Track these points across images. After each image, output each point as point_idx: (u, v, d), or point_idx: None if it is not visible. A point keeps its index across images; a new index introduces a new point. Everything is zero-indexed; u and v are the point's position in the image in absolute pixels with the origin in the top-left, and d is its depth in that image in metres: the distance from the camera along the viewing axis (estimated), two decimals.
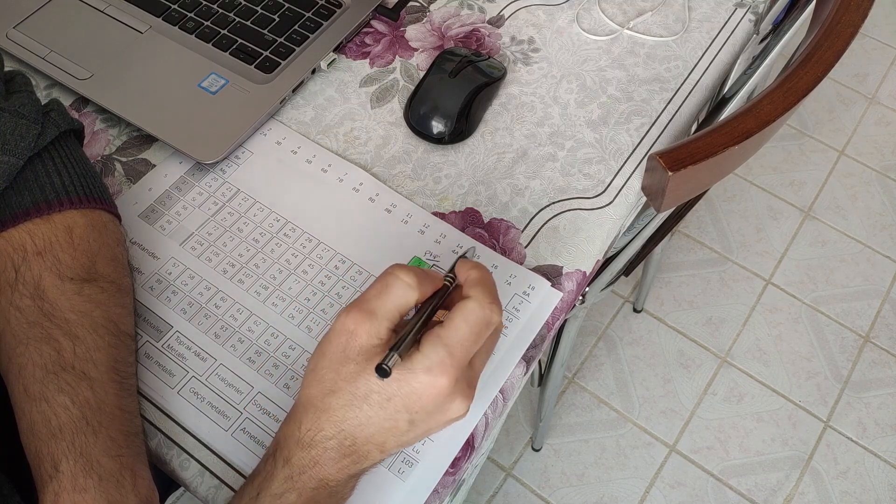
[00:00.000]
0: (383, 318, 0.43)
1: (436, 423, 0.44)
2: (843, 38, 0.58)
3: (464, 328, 0.43)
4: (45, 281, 0.47)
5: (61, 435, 0.43)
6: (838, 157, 1.65)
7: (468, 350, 0.43)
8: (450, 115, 0.64)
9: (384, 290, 0.43)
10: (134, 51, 0.68)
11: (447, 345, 0.42)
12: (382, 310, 0.43)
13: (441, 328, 0.43)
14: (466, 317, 0.43)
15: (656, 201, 0.60)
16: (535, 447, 1.30)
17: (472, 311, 0.43)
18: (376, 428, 0.43)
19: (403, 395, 0.42)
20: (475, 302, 0.44)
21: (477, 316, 0.43)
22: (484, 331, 0.43)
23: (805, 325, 1.44)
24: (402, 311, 0.44)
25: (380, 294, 0.43)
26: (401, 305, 0.44)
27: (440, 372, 0.42)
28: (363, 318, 0.43)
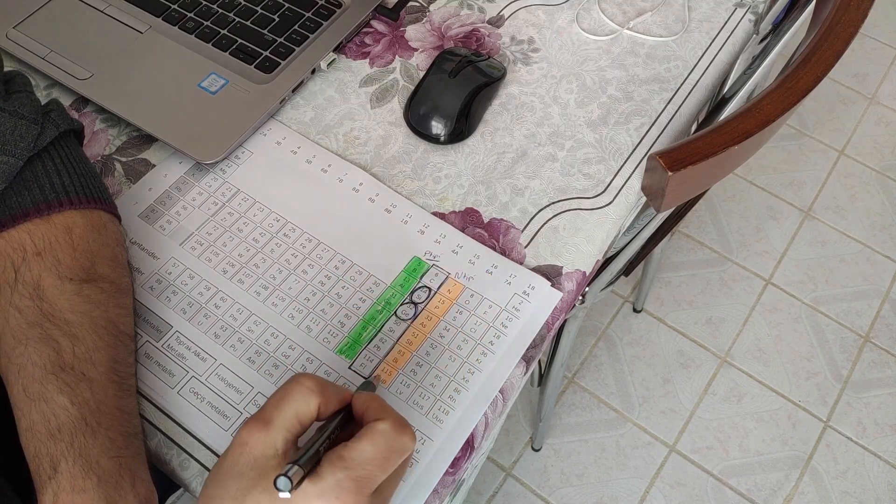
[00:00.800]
0: (280, 427, 0.39)
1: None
2: (843, 38, 0.58)
3: (369, 451, 0.38)
4: (45, 281, 0.47)
5: (60, 435, 0.43)
6: (838, 157, 1.65)
7: (372, 476, 0.38)
8: (450, 115, 0.64)
9: (282, 398, 0.40)
10: (134, 51, 0.68)
11: (348, 467, 0.38)
12: (279, 419, 0.39)
13: (344, 447, 0.38)
14: (374, 439, 0.39)
15: (656, 201, 0.60)
16: (535, 447, 1.30)
17: (382, 433, 0.39)
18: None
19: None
20: (387, 424, 0.39)
21: (387, 440, 0.39)
22: (393, 458, 0.39)
23: (805, 325, 1.44)
24: (301, 420, 0.40)
25: (278, 402, 0.40)
26: (300, 413, 0.39)
27: (336, 497, 0.37)
28: (258, 427, 0.39)
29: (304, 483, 0.37)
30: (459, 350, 0.54)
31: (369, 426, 0.39)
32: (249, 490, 0.38)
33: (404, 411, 0.51)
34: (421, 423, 0.51)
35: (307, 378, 0.40)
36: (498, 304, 0.56)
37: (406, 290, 0.57)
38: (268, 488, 0.38)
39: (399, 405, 0.52)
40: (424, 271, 0.58)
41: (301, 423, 0.40)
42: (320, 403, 0.40)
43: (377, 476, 0.39)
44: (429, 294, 0.56)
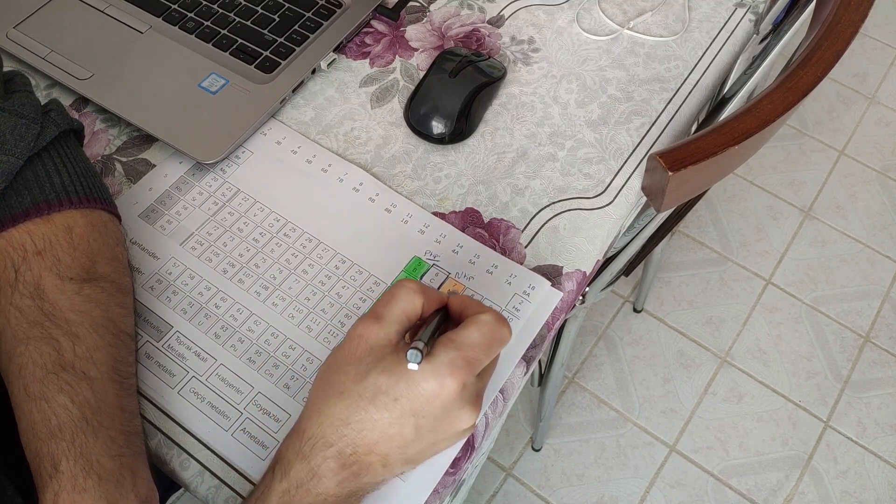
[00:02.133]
0: (391, 321, 0.43)
1: (443, 432, 0.43)
2: (843, 38, 0.58)
3: (476, 336, 0.42)
4: (45, 281, 0.47)
5: (61, 435, 0.43)
6: (838, 157, 1.65)
7: (478, 359, 0.42)
8: (450, 115, 0.64)
9: (391, 298, 0.44)
10: (134, 51, 0.68)
11: (458, 348, 0.42)
12: (390, 314, 0.43)
13: (453, 332, 0.43)
14: (480, 327, 0.43)
15: (656, 201, 0.60)
16: (535, 447, 1.30)
17: (487, 323, 0.43)
18: (381, 434, 0.41)
19: (411, 396, 0.41)
20: (490, 316, 0.43)
21: (491, 329, 0.43)
22: (495, 345, 0.43)
23: (805, 325, 1.44)
24: (409, 316, 0.44)
25: (387, 301, 0.44)
26: (408, 310, 0.44)
27: (449, 373, 0.41)
28: (371, 322, 0.43)
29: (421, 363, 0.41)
30: None
31: (474, 317, 0.43)
32: (368, 372, 0.42)
33: None
34: None
35: (411, 281, 0.45)
36: (498, 304, 0.56)
37: None
38: (386, 369, 0.41)
39: None
40: (425, 271, 0.58)
41: (409, 318, 0.44)
42: (423, 302, 0.44)
43: (482, 359, 0.42)
44: None
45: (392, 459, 0.42)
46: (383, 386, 0.41)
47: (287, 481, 0.41)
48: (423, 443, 0.42)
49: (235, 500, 0.49)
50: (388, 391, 0.41)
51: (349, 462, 0.42)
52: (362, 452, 0.42)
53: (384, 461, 0.42)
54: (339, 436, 0.41)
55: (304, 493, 0.41)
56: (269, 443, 0.51)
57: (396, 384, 0.41)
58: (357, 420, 0.41)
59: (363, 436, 0.41)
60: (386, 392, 0.41)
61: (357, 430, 0.41)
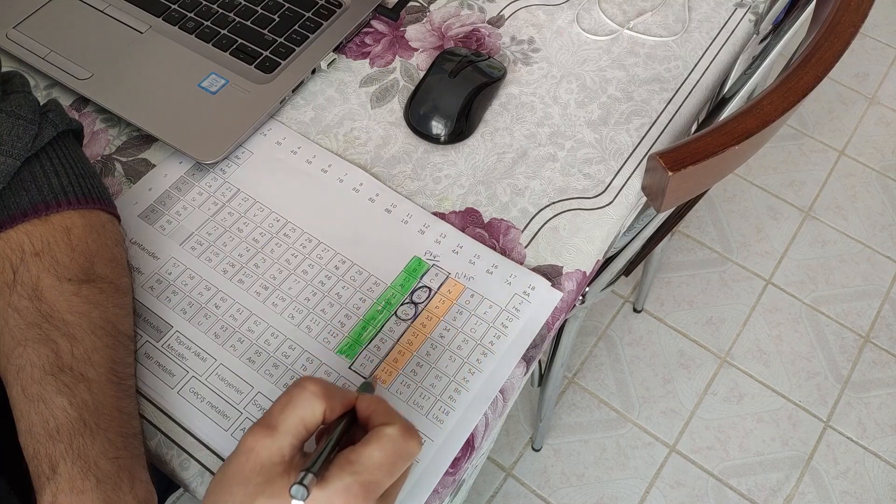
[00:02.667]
0: (285, 432, 0.39)
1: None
2: (843, 38, 0.58)
3: (377, 455, 0.38)
4: (44, 282, 0.47)
5: (59, 436, 0.43)
6: (838, 157, 1.65)
7: (379, 481, 0.38)
8: (450, 115, 0.64)
9: (288, 403, 0.39)
10: (134, 51, 0.68)
11: (356, 472, 0.37)
12: (284, 424, 0.39)
13: (351, 451, 0.38)
14: (383, 445, 0.38)
15: (656, 201, 0.60)
16: (535, 447, 1.30)
17: (391, 438, 0.39)
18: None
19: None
20: (394, 429, 0.39)
21: (395, 445, 0.38)
22: (399, 463, 0.39)
23: (805, 325, 1.44)
24: (307, 426, 0.39)
25: (283, 407, 0.39)
26: (306, 418, 0.39)
27: (343, 501, 0.37)
28: (263, 433, 0.38)
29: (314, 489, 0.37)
30: (459, 350, 0.54)
31: (377, 430, 0.39)
32: (256, 496, 0.37)
33: (405, 411, 0.51)
34: (421, 424, 0.51)
35: (312, 382, 0.40)
36: (498, 304, 0.56)
37: (406, 290, 0.57)
38: (274, 494, 0.37)
39: (399, 405, 0.52)
40: (425, 271, 0.57)
41: (307, 428, 0.39)
42: (325, 408, 0.40)
43: (384, 481, 0.38)
44: (429, 294, 0.56)
45: None
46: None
47: None
48: None
49: None
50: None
51: None
52: None
53: None
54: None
55: None
56: None
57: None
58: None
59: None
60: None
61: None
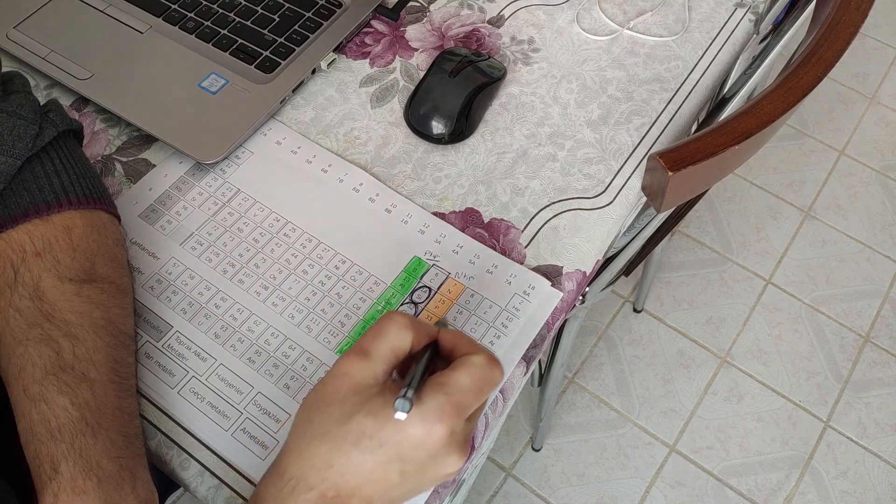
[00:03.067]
0: (379, 359, 0.41)
1: (428, 478, 0.41)
2: (843, 38, 0.58)
3: (467, 380, 0.40)
4: (45, 282, 0.47)
5: (61, 436, 0.43)
6: (838, 157, 1.65)
7: (468, 403, 0.40)
8: (450, 115, 0.64)
9: (379, 332, 0.42)
10: (134, 51, 0.68)
11: (448, 393, 0.40)
12: (377, 351, 0.41)
13: (442, 375, 0.41)
14: (471, 371, 0.41)
15: (656, 201, 0.60)
16: (535, 447, 1.30)
17: (478, 366, 0.41)
18: (364, 478, 0.40)
19: (397, 441, 0.39)
20: (481, 357, 0.41)
21: (482, 372, 0.41)
22: (486, 389, 0.41)
23: (805, 324, 1.44)
24: (397, 353, 0.42)
25: (375, 336, 0.42)
26: (396, 347, 0.42)
27: (437, 419, 0.39)
28: (358, 359, 0.41)
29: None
30: None
31: (464, 358, 0.42)
32: (353, 414, 0.40)
33: None
34: None
35: (400, 315, 0.43)
36: (498, 304, 0.56)
37: (406, 290, 0.57)
38: (372, 411, 0.40)
39: None
40: (425, 271, 0.58)
41: (397, 356, 0.42)
42: (413, 337, 0.42)
43: (472, 403, 0.41)
44: (429, 294, 0.56)
45: (375, 502, 0.41)
46: (368, 430, 0.39)
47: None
48: (407, 486, 0.41)
49: (235, 501, 0.49)
50: (374, 436, 0.39)
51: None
52: (345, 496, 0.40)
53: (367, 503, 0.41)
54: (321, 479, 0.40)
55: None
56: (269, 443, 0.51)
57: (382, 429, 0.39)
58: (340, 464, 0.40)
59: (346, 479, 0.40)
60: (371, 436, 0.39)
61: (340, 474, 0.40)
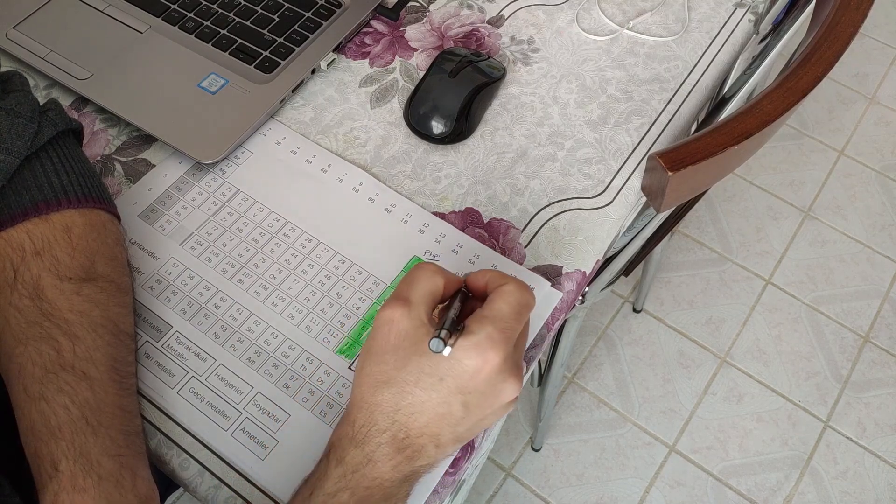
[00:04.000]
0: (419, 302, 0.44)
1: (490, 406, 0.44)
2: (843, 38, 0.58)
3: (505, 308, 0.43)
4: (44, 281, 0.47)
5: (61, 434, 0.43)
6: (838, 157, 1.65)
7: (513, 328, 0.43)
8: (450, 115, 0.64)
9: (413, 280, 0.45)
10: (134, 51, 0.68)
11: (493, 321, 0.43)
12: (416, 295, 0.44)
13: (483, 310, 0.44)
14: (506, 298, 0.44)
15: (656, 201, 0.60)
16: (535, 447, 1.30)
17: (511, 293, 0.44)
18: (430, 415, 0.42)
19: (455, 374, 0.42)
20: (512, 285, 0.44)
21: (516, 297, 0.44)
22: (524, 312, 0.44)
23: (805, 325, 1.44)
24: (434, 296, 0.45)
25: (410, 283, 0.45)
26: (432, 290, 0.45)
27: (490, 346, 0.42)
28: (399, 305, 0.43)
29: (458, 341, 0.42)
30: None
31: (497, 290, 0.45)
32: (409, 358, 0.43)
33: None
34: None
35: (429, 263, 0.46)
36: None
37: None
38: (424, 352, 0.42)
39: None
40: None
41: (434, 298, 0.45)
42: (444, 282, 0.45)
43: (516, 326, 0.44)
44: None
45: (444, 439, 0.43)
46: (427, 368, 0.42)
47: (343, 467, 0.42)
48: (472, 419, 0.43)
49: (235, 500, 0.49)
50: (433, 372, 0.42)
51: (402, 446, 0.43)
52: (414, 435, 0.43)
53: (436, 441, 0.43)
54: (391, 421, 0.42)
55: (359, 478, 0.42)
56: (268, 443, 0.51)
57: (439, 364, 0.42)
58: (406, 404, 0.42)
59: (414, 419, 0.42)
60: (430, 374, 0.42)
61: (408, 414, 0.42)
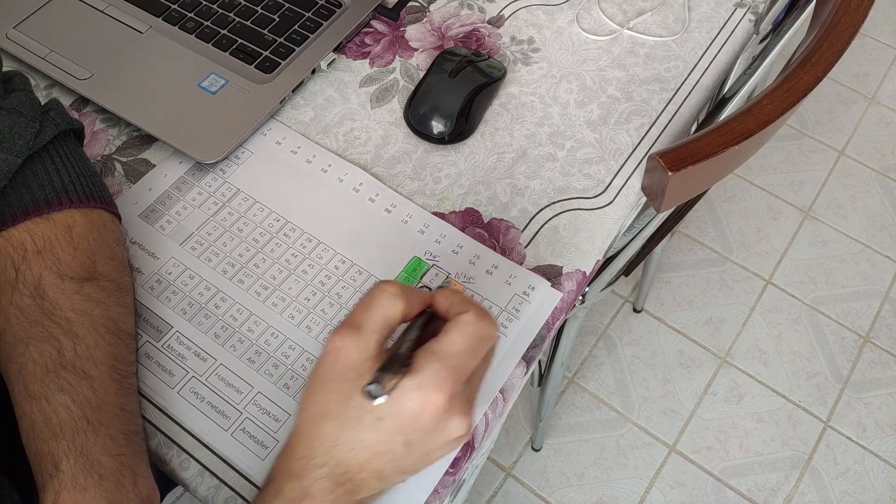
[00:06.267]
0: (371, 331, 0.41)
1: (435, 444, 0.41)
2: (843, 38, 0.58)
3: (459, 341, 0.40)
4: (45, 280, 0.47)
5: (62, 434, 0.43)
6: (838, 157, 1.65)
7: (465, 364, 0.40)
8: (450, 115, 0.64)
9: (369, 304, 0.41)
10: (134, 51, 0.68)
11: (441, 358, 0.40)
12: (369, 322, 0.41)
13: (435, 342, 0.41)
14: (462, 330, 0.41)
15: (656, 201, 0.60)
16: (535, 447, 1.30)
17: (468, 323, 0.41)
18: (370, 452, 0.40)
19: (395, 414, 0.39)
20: (471, 315, 0.41)
21: (473, 329, 0.41)
22: (481, 345, 0.41)
23: (805, 325, 1.44)
24: (390, 323, 0.42)
25: (365, 308, 0.41)
26: (388, 317, 0.41)
27: (433, 387, 0.39)
28: (349, 332, 0.40)
29: (403, 380, 0.39)
30: None
31: (455, 318, 0.41)
32: (352, 392, 0.40)
33: None
34: None
35: (390, 284, 0.42)
36: (498, 305, 0.56)
37: None
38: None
39: None
40: (424, 271, 0.58)
41: (389, 325, 0.42)
42: (404, 306, 0.42)
43: (469, 364, 0.41)
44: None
45: (386, 473, 0.41)
46: (367, 405, 0.39)
47: (279, 500, 0.40)
48: (415, 455, 0.41)
49: (235, 500, 0.49)
50: (373, 410, 0.40)
51: (341, 481, 0.40)
52: (354, 471, 0.41)
53: (378, 476, 0.41)
54: (329, 456, 0.40)
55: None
56: (268, 443, 0.51)
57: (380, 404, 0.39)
58: (345, 440, 0.40)
59: (353, 455, 0.40)
60: (371, 411, 0.40)
61: (346, 450, 0.40)
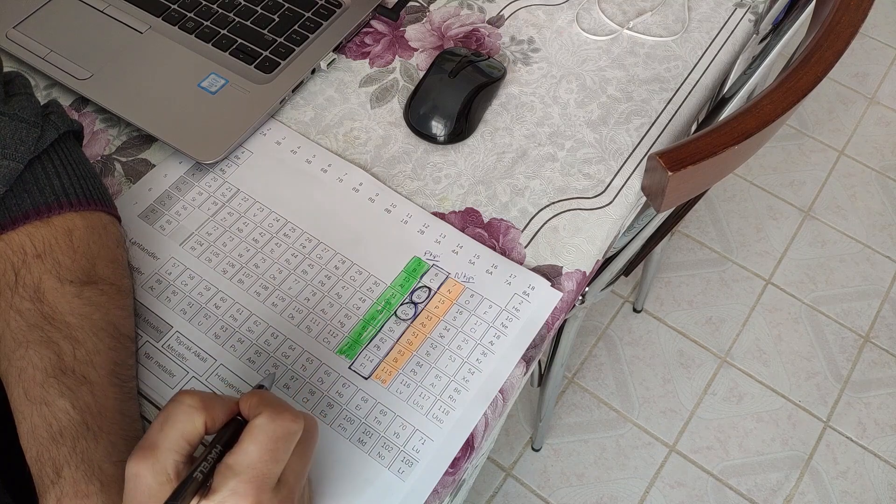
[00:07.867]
0: (167, 450, 0.38)
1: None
2: (843, 38, 0.58)
3: (253, 450, 0.38)
4: (45, 284, 0.47)
5: (62, 439, 0.43)
6: (838, 157, 1.65)
7: (266, 472, 0.38)
8: (450, 115, 0.64)
9: (166, 421, 0.38)
10: (134, 51, 0.68)
11: (238, 473, 0.37)
12: (165, 442, 0.38)
13: (230, 455, 0.38)
14: (255, 437, 0.38)
15: (656, 201, 0.60)
16: (535, 447, 1.30)
17: (260, 428, 0.38)
18: None
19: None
20: (262, 418, 0.39)
21: (266, 434, 0.38)
22: (281, 446, 0.38)
23: (805, 325, 1.44)
24: (189, 440, 0.39)
25: (162, 426, 0.38)
26: (187, 433, 0.38)
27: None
28: (143, 456, 0.37)
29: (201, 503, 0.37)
30: (459, 350, 0.54)
31: (248, 426, 0.39)
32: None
33: (405, 410, 0.51)
34: (421, 423, 0.51)
35: (188, 395, 0.39)
36: (498, 304, 0.56)
37: (406, 290, 0.57)
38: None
39: (399, 405, 0.52)
40: (424, 271, 0.58)
41: (189, 442, 0.39)
42: (206, 419, 0.39)
43: (272, 469, 0.38)
44: (429, 294, 0.56)
45: None
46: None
47: None
48: None
49: None
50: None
51: None
52: None
53: None
54: None
55: None
56: None
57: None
58: None
59: None
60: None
61: None
